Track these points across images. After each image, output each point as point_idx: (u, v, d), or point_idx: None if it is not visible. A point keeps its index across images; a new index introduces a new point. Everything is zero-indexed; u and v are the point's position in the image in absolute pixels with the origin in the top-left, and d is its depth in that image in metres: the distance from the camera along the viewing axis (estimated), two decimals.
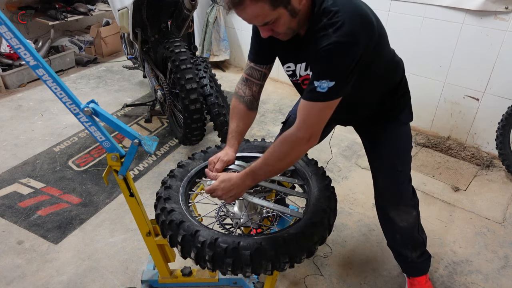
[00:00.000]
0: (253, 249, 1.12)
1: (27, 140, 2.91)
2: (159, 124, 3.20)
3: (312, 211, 1.27)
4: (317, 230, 1.22)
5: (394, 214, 1.56)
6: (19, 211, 2.22)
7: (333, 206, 1.34)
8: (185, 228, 1.19)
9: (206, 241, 1.14)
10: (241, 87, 1.45)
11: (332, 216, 1.30)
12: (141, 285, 1.70)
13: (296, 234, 1.18)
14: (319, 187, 1.38)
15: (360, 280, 1.84)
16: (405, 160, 1.52)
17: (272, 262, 1.14)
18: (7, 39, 1.00)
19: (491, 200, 2.37)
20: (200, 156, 1.55)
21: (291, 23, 1.13)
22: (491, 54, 2.53)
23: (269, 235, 1.19)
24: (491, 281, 1.85)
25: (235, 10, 1.08)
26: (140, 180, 2.50)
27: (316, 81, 1.11)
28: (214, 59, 4.12)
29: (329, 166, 2.66)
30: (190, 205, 1.41)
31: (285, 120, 1.72)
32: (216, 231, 1.19)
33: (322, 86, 1.11)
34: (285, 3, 1.07)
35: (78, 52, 4.46)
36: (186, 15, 2.51)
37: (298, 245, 1.16)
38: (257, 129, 3.06)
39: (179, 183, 1.41)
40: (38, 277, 1.83)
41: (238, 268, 1.14)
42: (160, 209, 1.29)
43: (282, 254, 1.14)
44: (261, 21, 1.10)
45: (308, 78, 1.30)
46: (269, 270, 1.15)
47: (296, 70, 1.34)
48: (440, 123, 2.97)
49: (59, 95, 1.09)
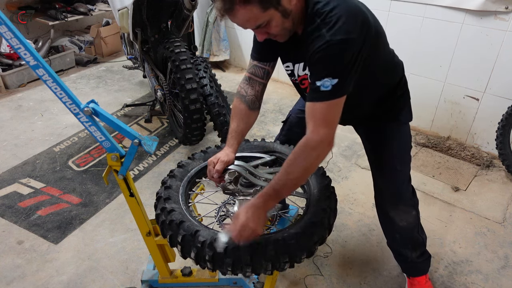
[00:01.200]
0: (253, 249, 1.12)
1: (27, 140, 2.91)
2: (159, 124, 3.20)
3: (312, 211, 1.27)
4: (317, 230, 1.21)
5: (394, 214, 1.56)
6: (19, 211, 2.22)
7: (333, 206, 1.33)
8: (185, 228, 1.19)
9: (206, 241, 1.14)
10: (243, 87, 1.43)
11: (332, 216, 1.30)
12: (141, 285, 1.70)
13: (296, 234, 1.17)
14: (319, 187, 1.38)
15: (360, 280, 1.84)
16: (405, 159, 1.52)
17: (272, 262, 1.14)
18: (7, 39, 1.00)
19: (491, 200, 2.37)
20: (200, 156, 1.55)
21: (285, 24, 1.13)
22: (491, 54, 2.53)
23: (269, 234, 1.19)
24: (491, 281, 1.85)
25: (228, 16, 1.09)
26: (140, 180, 2.50)
27: (318, 81, 1.11)
28: (214, 59, 4.12)
29: (329, 166, 2.66)
30: (190, 205, 1.41)
31: (285, 120, 1.72)
32: (217, 231, 1.19)
33: (326, 85, 1.10)
34: (275, 4, 1.07)
35: (78, 52, 4.46)
36: (186, 15, 2.51)
37: (298, 245, 1.16)
38: (257, 129, 3.06)
39: (179, 183, 1.41)
40: (38, 277, 1.83)
41: (238, 268, 1.14)
42: (160, 209, 1.29)
43: (282, 254, 1.14)
44: (254, 24, 1.10)
45: (305, 78, 1.31)
46: (269, 270, 1.15)
47: (294, 70, 1.34)
48: (440, 123, 2.97)
49: (59, 95, 1.09)
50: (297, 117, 1.65)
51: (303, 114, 1.22)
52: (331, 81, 1.09)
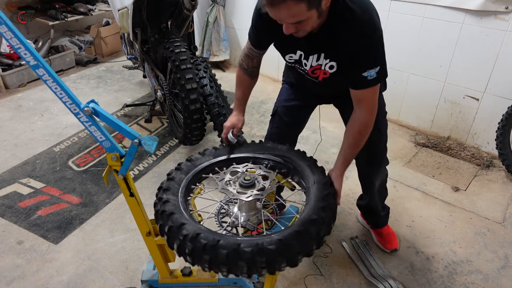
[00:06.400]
0: (232, 249, 1.09)
1: (27, 140, 2.91)
2: (159, 124, 3.20)
3: (300, 222, 1.19)
4: (301, 240, 1.13)
5: (375, 177, 1.79)
6: (19, 211, 2.22)
7: (329, 216, 1.25)
8: (173, 220, 1.20)
9: (188, 235, 1.14)
10: (244, 60, 1.61)
11: (323, 228, 1.21)
12: (141, 285, 1.70)
13: (279, 240, 1.11)
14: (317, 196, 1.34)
15: (360, 280, 1.84)
16: (384, 123, 1.70)
17: (248, 265, 1.09)
18: (7, 39, 1.00)
19: (491, 200, 2.37)
20: (211, 152, 1.57)
21: (315, 23, 1.24)
22: (491, 54, 2.53)
23: (254, 237, 1.16)
24: (491, 281, 1.85)
25: (273, 8, 1.15)
26: (140, 180, 2.50)
27: (363, 73, 1.30)
28: (214, 59, 4.12)
29: (329, 166, 2.65)
30: (189, 199, 1.40)
31: (273, 113, 1.82)
32: (203, 227, 1.18)
33: (371, 74, 1.30)
34: (317, 5, 1.17)
35: (78, 52, 4.46)
36: (186, 15, 2.51)
37: (277, 251, 1.10)
38: (257, 129, 3.06)
39: (183, 176, 1.42)
40: (38, 277, 1.83)
41: (215, 266, 1.11)
42: (158, 198, 1.32)
43: (259, 257, 1.09)
44: (295, 19, 1.18)
45: (318, 68, 1.43)
46: (245, 273, 1.11)
47: (303, 60, 1.45)
48: (440, 123, 2.97)
49: (59, 95, 1.09)
50: (284, 107, 1.75)
51: (290, 102, 1.71)
52: (375, 70, 1.30)
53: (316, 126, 2.77)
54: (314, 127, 3.05)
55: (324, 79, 1.45)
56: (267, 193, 1.32)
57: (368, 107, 1.39)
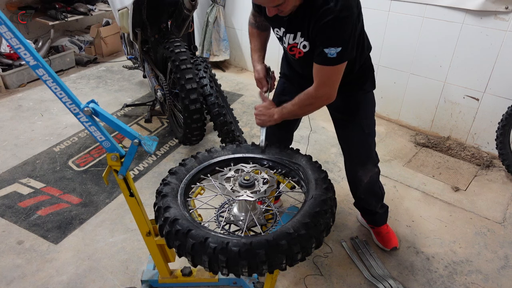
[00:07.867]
0: (219, 247, 1.09)
1: (27, 140, 2.91)
2: (159, 124, 3.20)
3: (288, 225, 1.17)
4: (288, 245, 1.10)
5: (362, 173, 1.78)
6: (19, 211, 2.22)
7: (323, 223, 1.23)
8: (168, 213, 1.22)
9: (180, 230, 1.15)
10: (252, 18, 1.72)
11: (315, 236, 1.19)
12: (141, 285, 1.71)
13: (267, 241, 1.10)
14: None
15: (360, 280, 1.84)
16: (371, 123, 1.72)
17: (229, 265, 1.09)
18: (7, 39, 1.00)
19: (491, 200, 2.37)
20: (218, 149, 1.58)
21: (296, 2, 1.33)
22: (491, 54, 2.53)
23: (244, 237, 1.15)
24: (491, 281, 1.85)
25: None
26: (140, 180, 2.50)
27: (325, 49, 1.32)
28: (214, 59, 4.12)
29: (329, 166, 2.66)
30: (189, 200, 1.39)
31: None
32: (194, 224, 1.19)
33: (331, 53, 1.32)
34: None
35: (78, 52, 4.46)
36: (186, 15, 2.51)
37: (265, 253, 1.09)
38: (257, 129, 3.06)
39: (186, 173, 1.44)
40: (38, 277, 1.83)
41: (198, 262, 1.14)
42: (157, 192, 1.34)
43: (241, 259, 1.08)
44: (275, 4, 1.29)
45: (295, 46, 1.48)
46: (225, 273, 1.12)
47: (283, 37, 1.51)
48: (440, 123, 2.97)
49: (59, 95, 1.09)
50: (278, 102, 1.73)
51: (281, 98, 1.71)
52: (336, 50, 1.31)
53: (316, 126, 2.78)
54: (314, 127, 3.05)
55: (300, 58, 1.51)
56: (258, 197, 1.30)
57: (319, 82, 1.43)
